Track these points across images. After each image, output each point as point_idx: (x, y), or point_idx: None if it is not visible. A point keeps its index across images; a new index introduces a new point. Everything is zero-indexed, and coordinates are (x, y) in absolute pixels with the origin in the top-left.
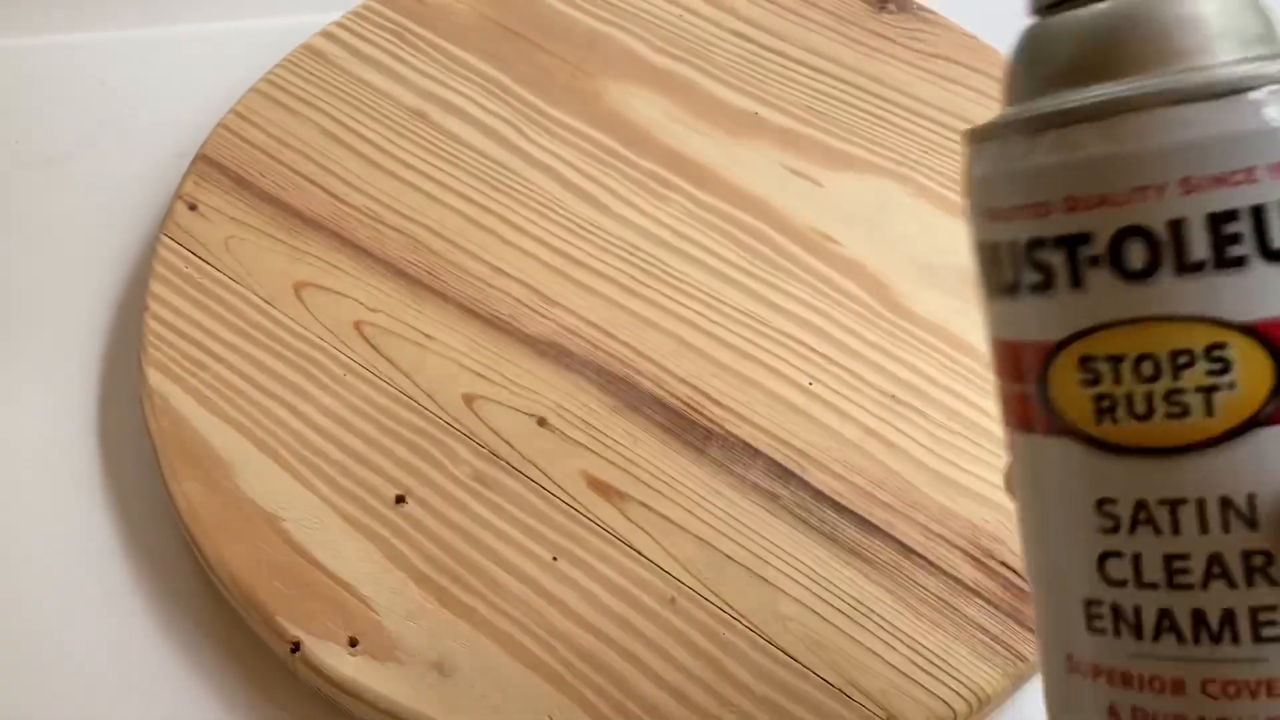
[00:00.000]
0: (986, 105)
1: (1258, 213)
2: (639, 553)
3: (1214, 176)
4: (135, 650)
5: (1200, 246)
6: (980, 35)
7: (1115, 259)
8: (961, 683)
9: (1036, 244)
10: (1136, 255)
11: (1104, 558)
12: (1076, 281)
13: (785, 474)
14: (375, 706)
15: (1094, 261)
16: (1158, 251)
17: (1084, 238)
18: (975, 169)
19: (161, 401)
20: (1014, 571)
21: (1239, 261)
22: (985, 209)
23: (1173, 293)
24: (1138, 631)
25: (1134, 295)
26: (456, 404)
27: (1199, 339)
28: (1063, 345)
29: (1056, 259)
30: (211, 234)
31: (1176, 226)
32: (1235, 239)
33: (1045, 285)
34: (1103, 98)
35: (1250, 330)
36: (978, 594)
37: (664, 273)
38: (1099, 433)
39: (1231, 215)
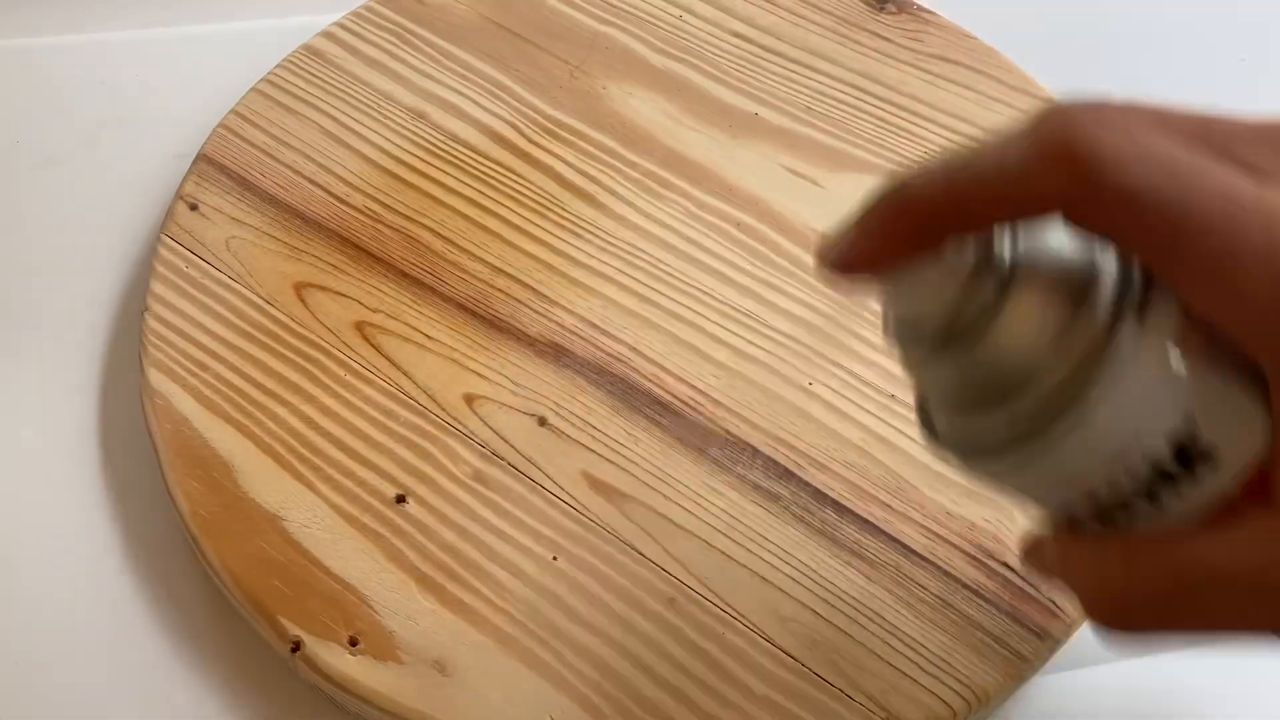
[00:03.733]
0: (986, 105)
1: None
2: (639, 552)
3: None
4: (136, 650)
5: None
6: (980, 35)
7: None
8: (961, 682)
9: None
10: None
11: None
12: None
13: (785, 474)
14: (376, 706)
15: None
16: None
17: None
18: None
19: (162, 401)
20: (1014, 571)
21: None
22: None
23: None
24: None
25: None
26: (457, 404)
27: None
28: None
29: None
30: (212, 234)
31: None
32: None
33: None
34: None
35: None
36: (978, 594)
37: (664, 272)
38: None
39: None
